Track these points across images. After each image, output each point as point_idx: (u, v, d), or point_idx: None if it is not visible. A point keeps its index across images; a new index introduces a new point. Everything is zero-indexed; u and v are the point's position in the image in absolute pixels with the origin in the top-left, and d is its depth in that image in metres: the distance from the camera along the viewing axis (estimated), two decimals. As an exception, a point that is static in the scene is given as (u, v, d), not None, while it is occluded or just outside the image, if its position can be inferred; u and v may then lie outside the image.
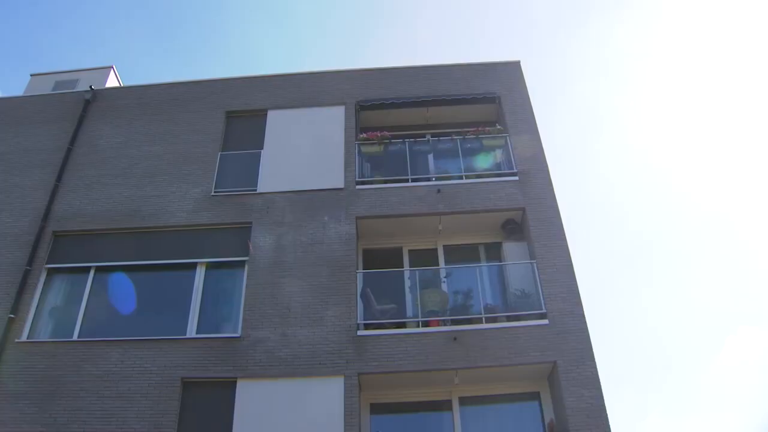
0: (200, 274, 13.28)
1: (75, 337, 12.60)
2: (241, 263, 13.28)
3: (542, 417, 12.04)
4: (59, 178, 14.76)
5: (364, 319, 12.44)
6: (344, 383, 11.55)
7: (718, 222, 43.98)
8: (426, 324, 12.38)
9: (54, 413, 11.52)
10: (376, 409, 12.22)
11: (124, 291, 13.29)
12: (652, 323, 39.34)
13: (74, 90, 17.34)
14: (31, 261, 13.43)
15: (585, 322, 12.12)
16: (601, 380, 11.48)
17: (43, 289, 13.33)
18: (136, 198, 14.32)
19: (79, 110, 16.15)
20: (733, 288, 40.76)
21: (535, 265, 12.86)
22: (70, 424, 11.40)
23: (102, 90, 17.06)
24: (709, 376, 38.69)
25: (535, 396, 12.29)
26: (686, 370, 39.29)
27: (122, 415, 11.43)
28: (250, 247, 12.11)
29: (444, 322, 12.38)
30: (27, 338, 12.62)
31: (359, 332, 12.14)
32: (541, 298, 12.43)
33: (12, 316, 12.67)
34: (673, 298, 41.58)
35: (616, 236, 43.82)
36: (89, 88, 16.64)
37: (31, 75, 19.01)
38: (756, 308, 37.86)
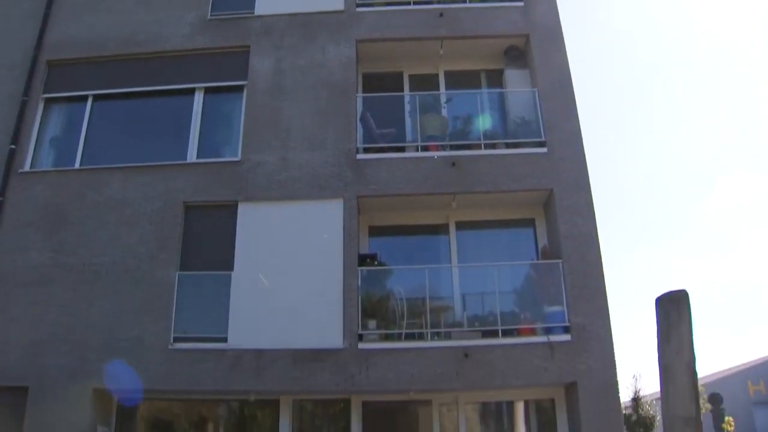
0: (199, 99, 13.09)
1: (77, 166, 12.66)
2: (240, 87, 13.05)
3: (536, 243, 12.34)
4: (49, 6, 14.16)
5: (364, 143, 12.39)
6: (343, 206, 11.69)
7: (727, 66, 42.96)
8: (425, 149, 12.33)
9: (60, 239, 11.80)
10: (375, 231, 12.49)
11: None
12: (649, 158, 39.49)
13: None
14: (27, 91, 13.22)
15: (583, 151, 12.07)
16: (595, 209, 11.60)
17: (41, 119, 13.23)
18: (130, 23, 13.81)
19: (64, -66, 15.27)
20: (731, 133, 40.70)
21: (536, 92, 12.62)
22: (77, 249, 11.70)
23: None
24: (698, 217, 39.54)
25: (530, 222, 12.51)
26: (677, 209, 40.02)
27: (126, 239, 11.72)
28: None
29: (443, 147, 12.32)
30: (29, 168, 12.68)
31: (358, 156, 12.13)
32: (541, 126, 12.31)
33: (13, 146, 12.65)
34: (672, 137, 41.51)
35: (620, 70, 43.09)
36: None
37: None
38: (751, 155, 37.82)
